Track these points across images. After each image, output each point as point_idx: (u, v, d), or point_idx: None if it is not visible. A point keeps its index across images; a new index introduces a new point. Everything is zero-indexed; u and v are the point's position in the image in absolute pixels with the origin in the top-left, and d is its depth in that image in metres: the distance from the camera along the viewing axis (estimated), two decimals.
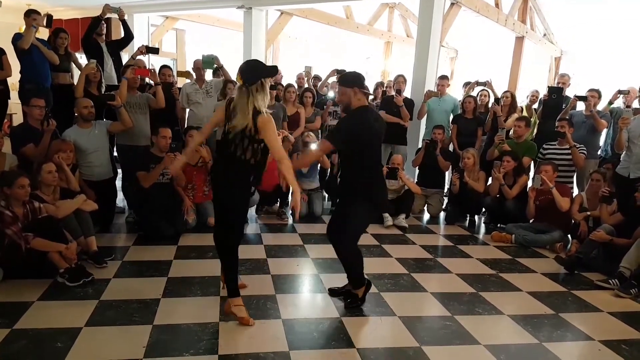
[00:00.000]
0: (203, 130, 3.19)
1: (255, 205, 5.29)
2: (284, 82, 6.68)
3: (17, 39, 5.04)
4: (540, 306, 3.47)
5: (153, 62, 8.50)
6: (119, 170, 5.11)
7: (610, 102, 5.67)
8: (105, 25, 5.84)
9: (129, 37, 6.06)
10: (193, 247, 4.28)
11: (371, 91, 7.23)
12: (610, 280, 3.81)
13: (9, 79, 5.36)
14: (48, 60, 5.14)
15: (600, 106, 5.68)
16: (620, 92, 5.61)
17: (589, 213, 4.61)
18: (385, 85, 7.36)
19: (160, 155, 4.44)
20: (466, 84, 7.10)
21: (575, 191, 5.45)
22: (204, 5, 8.75)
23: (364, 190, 3.13)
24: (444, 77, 6.32)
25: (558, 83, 6.26)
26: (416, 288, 3.68)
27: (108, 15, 5.70)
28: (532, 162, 5.54)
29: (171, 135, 4.52)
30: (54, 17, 5.41)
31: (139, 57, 5.65)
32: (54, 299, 3.15)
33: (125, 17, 5.89)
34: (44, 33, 5.60)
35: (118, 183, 5.03)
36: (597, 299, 3.63)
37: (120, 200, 5.22)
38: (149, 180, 4.37)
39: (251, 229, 4.97)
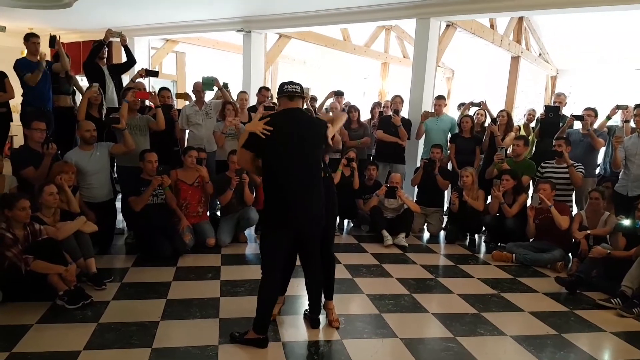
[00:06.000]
0: None
1: (254, 225, 5.28)
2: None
3: (21, 64, 5.12)
4: (543, 326, 3.44)
5: (153, 84, 8.59)
6: (119, 192, 5.12)
7: (609, 117, 5.70)
8: (107, 49, 5.92)
9: (131, 62, 6.12)
10: (192, 268, 4.26)
11: (368, 111, 7.29)
12: (612, 300, 3.78)
13: (11, 101, 5.41)
14: (51, 82, 5.21)
15: (598, 121, 5.71)
16: (618, 107, 5.65)
17: (589, 231, 4.60)
18: (382, 105, 7.44)
19: (150, 178, 4.50)
20: (461, 105, 7.15)
21: (575, 210, 5.45)
22: (204, 29, 8.86)
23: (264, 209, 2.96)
24: (440, 97, 6.37)
25: (554, 102, 6.31)
26: (417, 309, 3.66)
27: (110, 39, 5.78)
28: (531, 180, 5.57)
29: (157, 159, 4.57)
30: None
31: (138, 79, 5.71)
32: (53, 322, 3.13)
33: (127, 42, 5.96)
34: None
35: (117, 204, 5.03)
36: (599, 319, 3.60)
37: (120, 221, 5.21)
38: (140, 203, 4.46)
39: (250, 249, 4.95)
